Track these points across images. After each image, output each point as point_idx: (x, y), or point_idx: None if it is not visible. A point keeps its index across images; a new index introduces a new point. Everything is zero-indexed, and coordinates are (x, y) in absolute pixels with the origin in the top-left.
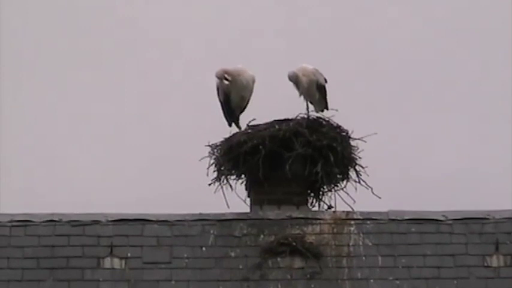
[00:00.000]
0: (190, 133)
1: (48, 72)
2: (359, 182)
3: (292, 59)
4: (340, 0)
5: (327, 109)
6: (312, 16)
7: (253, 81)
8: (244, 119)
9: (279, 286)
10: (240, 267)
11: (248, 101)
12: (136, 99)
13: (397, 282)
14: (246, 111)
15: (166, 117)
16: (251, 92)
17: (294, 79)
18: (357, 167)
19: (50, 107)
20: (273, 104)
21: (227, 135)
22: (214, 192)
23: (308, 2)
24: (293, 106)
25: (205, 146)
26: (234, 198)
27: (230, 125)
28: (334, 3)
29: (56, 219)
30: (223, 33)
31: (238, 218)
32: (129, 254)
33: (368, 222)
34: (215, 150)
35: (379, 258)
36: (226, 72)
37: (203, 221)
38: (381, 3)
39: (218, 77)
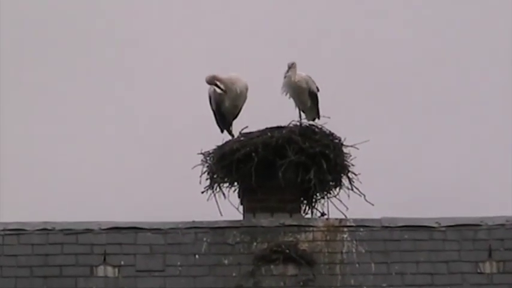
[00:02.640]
0: (183, 141)
1: (42, 82)
2: (352, 189)
3: (284, 66)
4: (332, 7)
5: (319, 118)
6: (306, 23)
7: (247, 89)
8: (238, 126)
9: None
10: (234, 274)
11: (241, 109)
12: (129, 107)
13: None
14: (239, 118)
15: (159, 125)
16: (244, 100)
17: (292, 66)
18: (350, 174)
19: (43, 115)
20: (266, 111)
21: (220, 143)
22: (207, 200)
23: (303, 10)
24: (285, 114)
25: (198, 154)
26: (227, 206)
27: (222, 132)
28: (326, 11)
29: (49, 227)
30: (217, 41)
31: (232, 226)
32: (122, 262)
33: (361, 229)
34: (208, 158)
35: (372, 265)
36: (217, 79)
37: (196, 228)
38: (375, 9)
39: (208, 83)
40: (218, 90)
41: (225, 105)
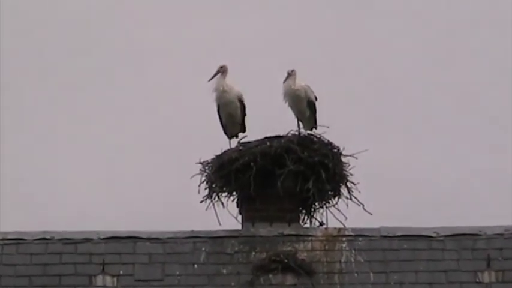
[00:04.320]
0: (181, 150)
1: (42, 90)
2: (350, 199)
3: (284, 74)
4: (332, 16)
5: (316, 128)
6: (305, 32)
7: (240, 98)
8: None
9: None
10: (232, 284)
11: (243, 116)
12: (128, 117)
13: None
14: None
15: (158, 135)
16: (239, 108)
17: (291, 73)
18: (349, 184)
19: (43, 123)
20: (264, 120)
21: (218, 152)
22: (206, 209)
23: (303, 19)
24: (284, 123)
25: (197, 163)
26: (225, 215)
27: (230, 139)
28: (326, 20)
29: (48, 237)
30: (219, 49)
31: (230, 235)
32: (121, 272)
33: (360, 238)
34: (206, 168)
35: (371, 274)
36: (224, 72)
37: (195, 238)
38: (375, 18)
39: (219, 67)
40: (211, 78)
41: (221, 114)
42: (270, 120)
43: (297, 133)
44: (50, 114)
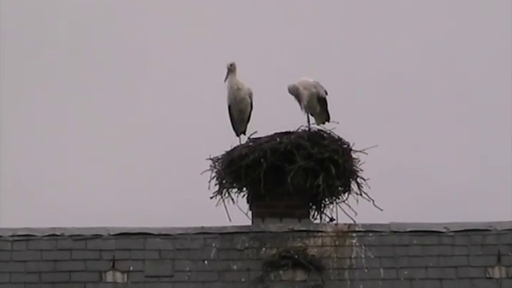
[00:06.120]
0: (192, 146)
1: (48, 87)
2: (360, 195)
3: (294, 70)
4: (341, 13)
5: (329, 121)
6: (314, 27)
7: (250, 95)
8: (248, 131)
9: None
10: (242, 280)
11: (250, 113)
12: (137, 112)
13: None
14: (251, 122)
15: (168, 131)
16: (250, 105)
17: (295, 92)
18: (359, 180)
19: (50, 119)
20: (274, 116)
21: (228, 149)
22: (216, 205)
23: (310, 14)
24: (294, 118)
25: (207, 159)
26: (235, 211)
27: (238, 136)
28: (335, 16)
29: (58, 233)
30: (229, 46)
31: (240, 231)
32: (131, 268)
33: (370, 234)
34: (216, 164)
35: (381, 270)
36: (233, 69)
37: (205, 234)
38: (382, 15)
39: (228, 65)
40: (225, 79)
41: (232, 111)
42: (279, 115)
43: (306, 129)
44: (57, 110)
